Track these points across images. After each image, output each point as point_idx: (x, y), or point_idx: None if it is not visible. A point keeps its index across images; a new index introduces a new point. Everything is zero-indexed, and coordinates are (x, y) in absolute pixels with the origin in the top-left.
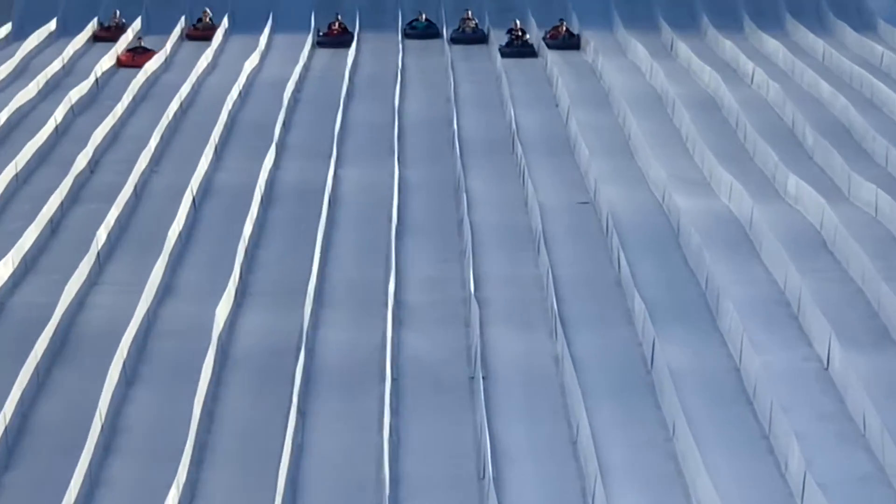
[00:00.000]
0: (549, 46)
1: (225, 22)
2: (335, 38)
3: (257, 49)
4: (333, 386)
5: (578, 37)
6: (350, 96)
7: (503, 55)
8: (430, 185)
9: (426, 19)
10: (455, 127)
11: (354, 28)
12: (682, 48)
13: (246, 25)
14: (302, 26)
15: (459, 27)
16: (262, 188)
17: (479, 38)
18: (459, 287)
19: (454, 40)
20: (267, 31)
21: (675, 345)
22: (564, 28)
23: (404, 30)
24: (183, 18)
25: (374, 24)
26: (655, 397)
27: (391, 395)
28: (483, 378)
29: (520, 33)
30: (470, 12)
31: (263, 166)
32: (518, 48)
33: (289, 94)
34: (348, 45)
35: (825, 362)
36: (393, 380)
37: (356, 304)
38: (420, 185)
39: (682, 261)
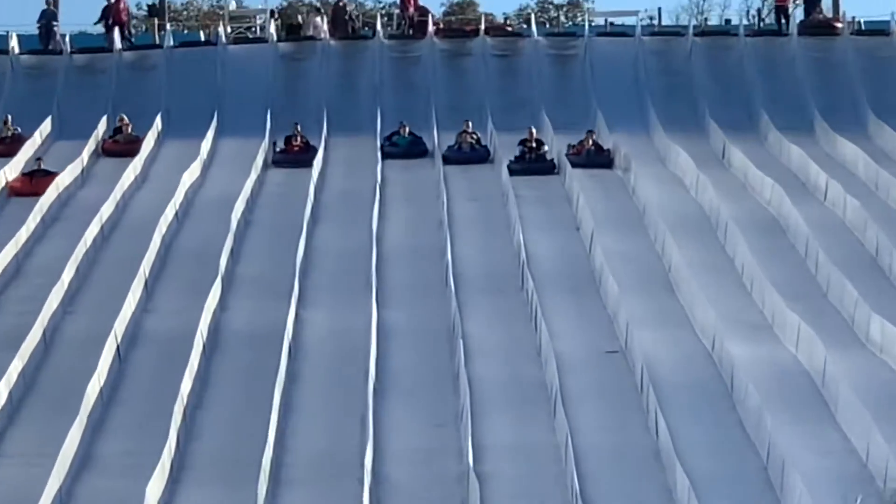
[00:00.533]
0: (573, 164)
1: (157, 123)
2: (295, 157)
3: (198, 158)
4: None
5: (609, 153)
6: (315, 218)
7: (512, 173)
8: (417, 331)
9: (410, 133)
10: (449, 256)
11: (320, 139)
12: (737, 155)
13: (184, 128)
14: (255, 129)
15: (456, 143)
16: (205, 334)
17: (480, 157)
18: (455, 459)
19: (448, 160)
20: (211, 135)
21: None
22: (591, 141)
23: (382, 146)
24: (104, 119)
25: (346, 129)
26: None
27: None
28: None
29: (534, 144)
30: (470, 124)
31: (206, 306)
32: (530, 163)
33: (238, 216)
34: (310, 164)
35: None
36: None
37: (323, 482)
38: (404, 330)
39: (738, 425)
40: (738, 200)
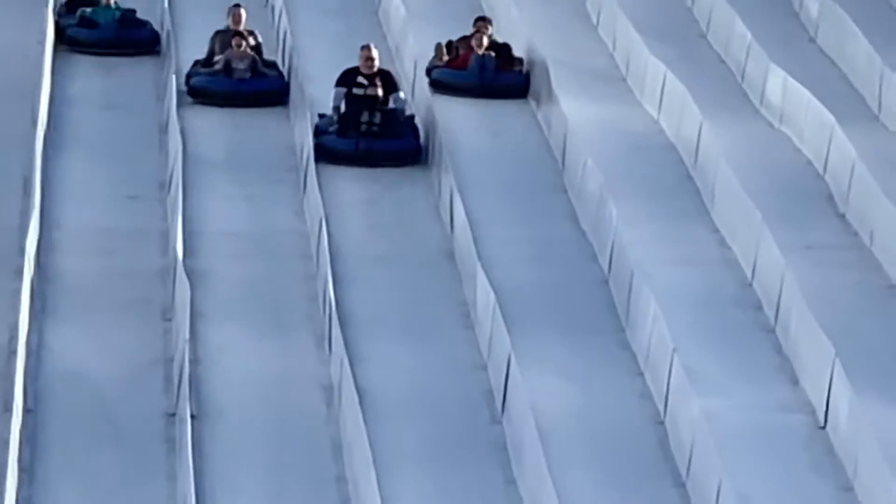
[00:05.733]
0: (443, 87)
1: None
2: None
3: None
4: None
5: (521, 63)
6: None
7: (322, 154)
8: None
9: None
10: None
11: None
12: None
13: None
14: None
15: (213, 52)
16: None
17: (264, 91)
18: None
19: (196, 92)
20: None
21: None
22: (486, 39)
23: (57, 22)
24: None
25: None
26: None
27: None
28: None
29: (379, 89)
30: (242, 12)
31: None
32: (369, 136)
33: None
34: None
35: None
36: None
37: None
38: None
39: (566, 216)
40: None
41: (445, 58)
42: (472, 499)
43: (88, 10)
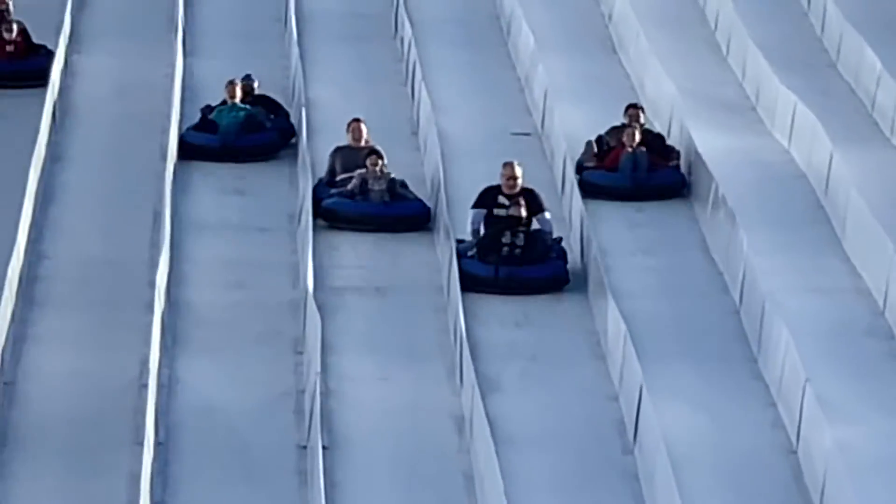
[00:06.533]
0: (595, 189)
1: None
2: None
3: None
4: None
5: (676, 155)
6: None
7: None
8: None
9: (253, 96)
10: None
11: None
12: None
13: None
14: None
15: (336, 168)
16: None
17: (407, 218)
18: None
19: (327, 215)
20: None
21: None
22: (639, 129)
23: (186, 131)
24: None
25: None
26: None
27: None
28: None
29: (522, 210)
30: (363, 127)
31: None
32: (511, 260)
33: None
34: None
35: None
36: None
37: None
38: None
39: (705, 254)
40: None
41: (598, 157)
42: None
43: (217, 108)
